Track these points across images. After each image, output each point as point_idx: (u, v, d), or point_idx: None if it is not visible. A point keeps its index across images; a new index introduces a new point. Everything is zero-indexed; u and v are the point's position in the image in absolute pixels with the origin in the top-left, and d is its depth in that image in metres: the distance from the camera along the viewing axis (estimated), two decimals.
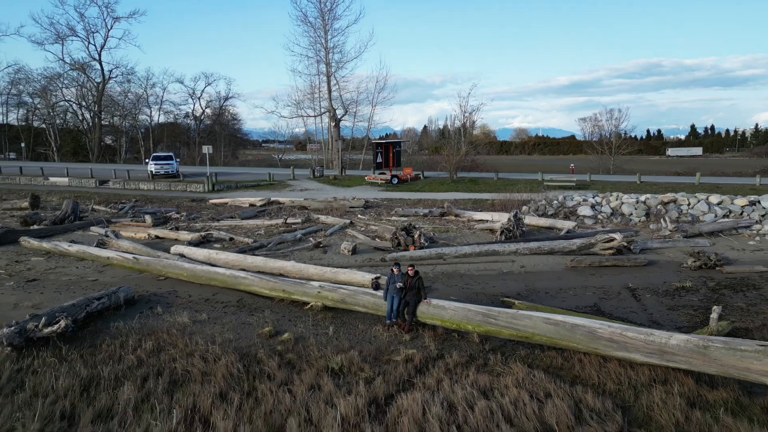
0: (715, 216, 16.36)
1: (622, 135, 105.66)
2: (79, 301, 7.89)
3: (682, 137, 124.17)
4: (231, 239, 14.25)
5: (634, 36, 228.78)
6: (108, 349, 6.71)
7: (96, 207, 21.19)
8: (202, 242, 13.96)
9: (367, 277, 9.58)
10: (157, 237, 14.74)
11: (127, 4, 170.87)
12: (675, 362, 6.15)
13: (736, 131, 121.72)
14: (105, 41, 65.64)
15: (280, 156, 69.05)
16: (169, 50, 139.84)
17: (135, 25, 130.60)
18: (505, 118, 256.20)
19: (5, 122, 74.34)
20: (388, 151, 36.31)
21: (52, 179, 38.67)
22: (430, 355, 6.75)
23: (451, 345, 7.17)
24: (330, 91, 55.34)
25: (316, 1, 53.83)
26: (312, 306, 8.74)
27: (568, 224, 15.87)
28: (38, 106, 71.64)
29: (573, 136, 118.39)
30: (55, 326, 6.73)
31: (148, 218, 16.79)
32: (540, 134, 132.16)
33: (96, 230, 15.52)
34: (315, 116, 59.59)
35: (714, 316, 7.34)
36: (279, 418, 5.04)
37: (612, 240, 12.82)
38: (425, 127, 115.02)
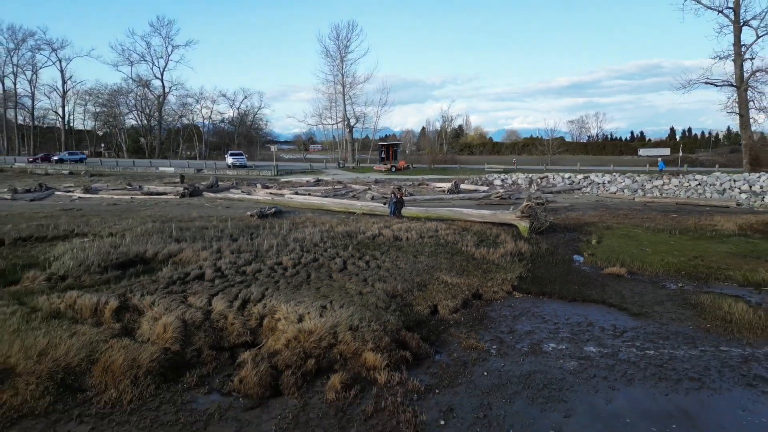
0: (564, 183, 25.23)
1: (608, 137, 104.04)
2: (270, 206, 16.75)
3: (664, 138, 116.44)
4: (309, 194, 23.06)
5: (635, 36, 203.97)
6: (290, 218, 15.54)
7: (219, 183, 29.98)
8: (296, 195, 22.77)
9: (381, 204, 18.38)
10: (270, 193, 23.54)
11: (184, 33, 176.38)
12: (487, 219, 14.91)
13: (710, 133, 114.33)
14: (166, 64, 73.94)
15: (305, 155, 77.75)
16: (197, 54, 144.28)
17: (188, 51, 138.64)
18: (505, 119, 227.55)
19: (71, 126, 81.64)
20: (389, 150, 45.27)
21: (161, 168, 47.32)
22: (403, 221, 15.57)
23: (413, 221, 15.97)
24: (345, 105, 63.82)
25: (335, 39, 62.16)
26: (357, 212, 17.54)
27: (484, 188, 24.74)
28: (105, 113, 79.23)
29: (562, 138, 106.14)
30: (271, 210, 15.59)
31: (259, 185, 25.64)
32: (535, 135, 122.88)
33: (234, 191, 24.31)
34: (333, 125, 68.07)
35: (510, 209, 16.15)
36: (357, 226, 13.89)
37: (499, 193, 21.67)
38: (423, 128, 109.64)
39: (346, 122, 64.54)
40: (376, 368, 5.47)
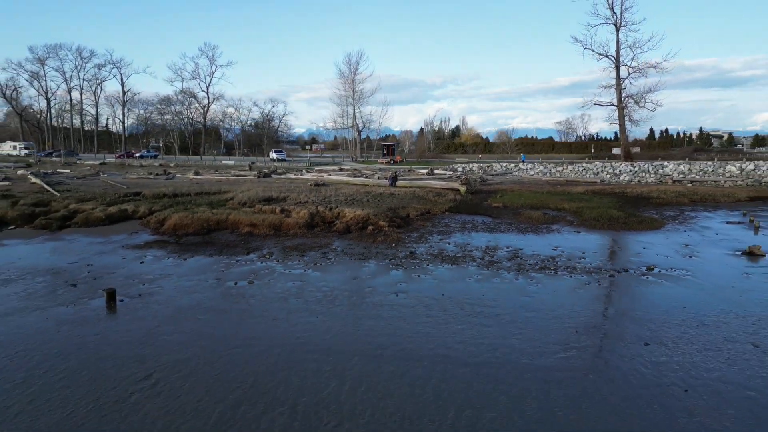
0: (502, 169, 32.17)
1: (594, 137, 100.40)
2: (320, 181, 23.72)
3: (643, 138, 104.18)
4: (338, 175, 29.97)
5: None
6: (333, 187, 22.49)
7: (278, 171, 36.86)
8: (330, 176, 29.66)
9: (384, 180, 25.34)
10: (314, 175, 30.43)
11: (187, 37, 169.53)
12: (443, 186, 21.84)
13: (685, 133, 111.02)
14: (210, 80, 79.30)
15: (322, 154, 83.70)
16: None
17: (228, 69, 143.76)
18: (505, 119, 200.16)
19: (123, 130, 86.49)
20: (389, 148, 52.12)
21: (224, 162, 53.69)
22: (397, 188, 22.51)
23: (402, 188, 22.92)
24: (354, 113, 70.10)
25: (347, 64, 68.27)
26: (369, 185, 24.47)
27: (450, 173, 31.70)
28: (154, 118, 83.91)
29: (551, 138, 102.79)
30: (322, 182, 22.58)
31: (304, 171, 32.58)
32: (533, 135, 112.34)
33: (290, 174, 31.20)
34: (344, 128, 74.28)
35: (455, 182, 23.11)
36: (371, 189, 20.86)
37: (457, 175, 28.61)
38: (422, 129, 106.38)
39: (355, 126, 71.05)
40: (384, 226, 12.56)
